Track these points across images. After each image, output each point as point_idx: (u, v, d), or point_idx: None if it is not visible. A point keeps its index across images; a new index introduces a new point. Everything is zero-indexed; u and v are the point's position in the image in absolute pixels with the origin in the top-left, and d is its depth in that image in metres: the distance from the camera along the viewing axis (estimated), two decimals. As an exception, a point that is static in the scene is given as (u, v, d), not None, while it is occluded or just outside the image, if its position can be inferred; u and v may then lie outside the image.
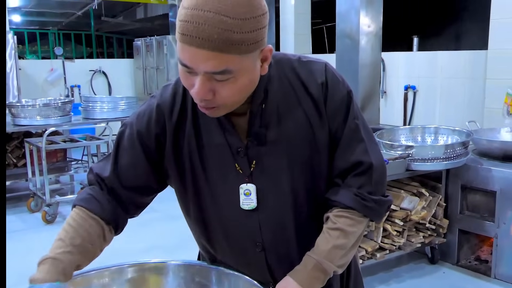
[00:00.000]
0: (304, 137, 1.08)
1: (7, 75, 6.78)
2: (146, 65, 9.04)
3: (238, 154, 1.08)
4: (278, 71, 1.08)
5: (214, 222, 1.16)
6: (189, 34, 0.87)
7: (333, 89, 1.08)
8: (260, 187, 1.09)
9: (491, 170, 3.08)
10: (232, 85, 0.94)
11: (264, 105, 1.07)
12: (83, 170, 5.71)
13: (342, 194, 1.10)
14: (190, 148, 1.10)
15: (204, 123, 1.09)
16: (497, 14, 4.64)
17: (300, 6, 6.97)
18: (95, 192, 1.13)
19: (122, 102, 5.47)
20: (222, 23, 0.86)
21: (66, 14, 11.77)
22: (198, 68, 0.91)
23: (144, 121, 1.11)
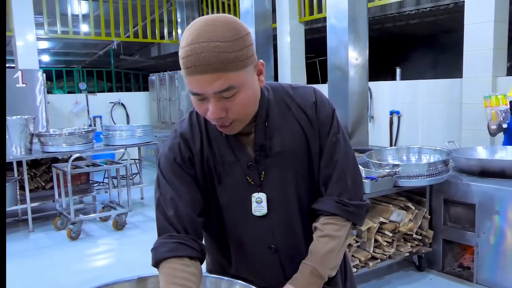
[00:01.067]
0: (303, 149, 1.12)
1: (37, 108, 6.82)
2: (160, 97, 9.10)
3: (248, 168, 1.11)
4: (275, 96, 1.13)
5: (232, 231, 1.17)
6: (192, 65, 0.93)
7: (321, 106, 1.13)
8: (270, 195, 1.12)
9: (470, 185, 3.06)
10: (239, 99, 0.98)
11: (267, 123, 1.11)
12: (104, 191, 5.69)
13: (325, 203, 1.13)
14: (209, 166, 1.13)
15: (217, 145, 1.12)
16: (470, 47, 4.68)
17: (295, 43, 7.05)
18: (178, 239, 1.06)
19: (139, 130, 5.48)
20: (216, 48, 0.92)
21: (89, 54, 11.91)
22: (207, 92, 0.96)
23: (176, 150, 1.12)
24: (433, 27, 7.36)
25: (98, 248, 4.36)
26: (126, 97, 9.23)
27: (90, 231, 4.81)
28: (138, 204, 5.82)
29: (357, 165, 1.18)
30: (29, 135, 4.68)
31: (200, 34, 0.93)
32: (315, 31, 7.31)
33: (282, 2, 7.04)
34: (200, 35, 0.93)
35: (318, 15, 6.72)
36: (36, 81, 6.83)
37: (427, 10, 5.81)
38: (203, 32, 0.94)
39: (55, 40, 9.82)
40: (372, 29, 5.08)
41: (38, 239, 4.59)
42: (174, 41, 9.65)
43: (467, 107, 4.72)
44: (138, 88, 14.00)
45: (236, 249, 1.19)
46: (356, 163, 1.18)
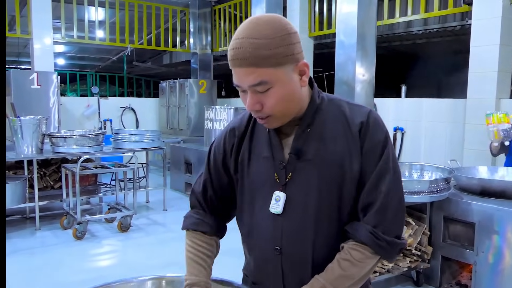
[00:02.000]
0: (338, 163, 1.09)
1: (50, 109, 6.88)
2: (169, 104, 9.15)
3: (279, 166, 1.13)
4: (328, 106, 1.14)
5: (248, 221, 1.20)
6: (232, 58, 1.01)
7: (372, 130, 1.10)
8: (290, 197, 1.12)
9: (471, 203, 3.04)
10: (273, 95, 1.02)
11: (310, 129, 1.12)
12: (110, 193, 5.71)
13: (358, 229, 1.08)
14: (243, 158, 1.19)
15: (258, 140, 1.17)
16: (475, 68, 4.69)
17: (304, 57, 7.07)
18: (201, 216, 1.26)
19: (147, 135, 5.51)
20: (252, 44, 0.98)
21: (103, 59, 12.02)
22: (243, 84, 1.02)
23: (221, 142, 1.24)
24: (440, 48, 7.37)
25: (102, 248, 4.36)
26: (136, 102, 9.29)
27: (95, 231, 4.81)
28: (143, 207, 5.83)
29: (403, 202, 1.12)
30: (41, 135, 4.72)
31: (243, 31, 1.00)
32: (324, 46, 7.34)
33: (293, 17, 7.08)
34: (243, 31, 1.00)
35: (328, 31, 6.76)
36: (51, 83, 6.90)
37: (434, 31, 5.82)
38: (245, 29, 1.00)
39: (71, 44, 9.92)
40: (379, 47, 5.10)
41: (44, 237, 4.60)
42: (186, 50, 9.73)
43: (470, 127, 4.71)
44: (148, 94, 14.10)
45: (248, 241, 1.22)
46: (403, 199, 1.12)
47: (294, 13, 7.05)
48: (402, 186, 1.13)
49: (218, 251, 1.27)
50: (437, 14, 5.43)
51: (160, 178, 6.10)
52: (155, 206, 5.89)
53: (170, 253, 4.11)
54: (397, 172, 1.11)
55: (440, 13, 5.40)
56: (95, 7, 8.35)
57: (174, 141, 8.01)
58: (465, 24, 5.24)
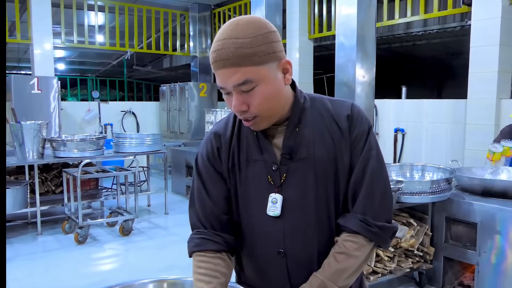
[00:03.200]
0: (331, 159, 1.10)
1: (51, 114, 6.89)
2: (170, 107, 9.17)
3: (271, 168, 1.12)
4: (312, 105, 1.15)
5: (246, 229, 1.17)
6: (214, 60, 1.00)
7: (357, 121, 1.12)
8: (286, 198, 1.11)
9: (472, 204, 3.04)
10: (258, 94, 1.02)
11: (298, 129, 1.11)
12: (112, 197, 5.72)
13: (349, 219, 1.10)
14: (233, 163, 1.16)
15: (247, 143, 1.15)
16: (475, 69, 4.69)
17: (303, 59, 7.09)
18: (203, 235, 1.15)
19: (148, 138, 5.51)
20: (234, 44, 0.98)
21: (103, 64, 12.05)
22: (228, 85, 1.02)
23: (209, 147, 1.20)
24: (440, 49, 7.38)
25: (104, 252, 4.36)
26: (137, 106, 9.30)
27: (97, 235, 4.81)
28: (144, 211, 5.83)
29: (389, 186, 1.14)
30: (42, 140, 4.72)
31: (224, 32, 1.01)
32: (324, 48, 7.35)
33: (293, 19, 7.10)
34: (224, 33, 1.00)
35: (327, 33, 6.77)
36: (51, 88, 6.92)
37: (434, 32, 5.83)
38: (226, 31, 1.00)
39: (71, 49, 9.95)
40: (379, 48, 5.11)
41: (46, 242, 4.61)
42: (186, 53, 9.75)
43: (471, 128, 4.71)
44: (149, 98, 14.12)
45: (247, 249, 1.19)
46: (387, 184, 1.14)
47: (294, 15, 7.06)
48: (386, 172, 1.16)
49: (232, 265, 1.18)
50: (437, 15, 5.44)
51: (161, 181, 6.11)
52: (156, 210, 5.90)
53: (171, 257, 4.12)
54: (380, 159, 1.14)
55: (439, 14, 5.40)
56: (94, 11, 8.38)
57: (175, 144, 8.01)
58: (464, 24, 5.25)
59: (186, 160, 6.65)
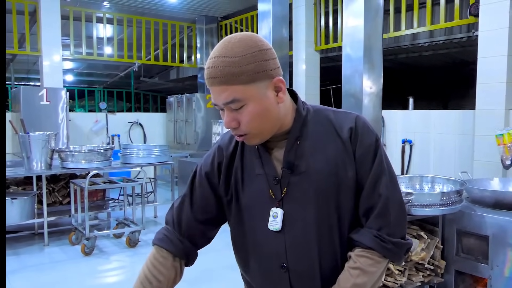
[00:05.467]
0: (331, 172, 1.08)
1: (59, 125, 6.92)
2: (176, 118, 9.18)
3: (273, 182, 1.11)
4: (315, 117, 1.13)
5: (249, 244, 1.16)
6: (207, 77, 1.02)
7: (362, 135, 1.10)
8: (287, 212, 1.09)
9: (484, 216, 2.98)
10: (247, 113, 1.02)
11: (299, 141, 1.10)
12: (119, 208, 5.70)
13: (363, 235, 1.08)
14: (236, 178, 1.15)
15: (249, 158, 1.15)
16: (483, 79, 4.65)
17: (310, 70, 7.09)
18: (169, 233, 1.20)
19: (155, 149, 5.51)
20: (223, 62, 0.98)
21: (110, 75, 12.13)
22: (218, 103, 1.03)
23: (209, 161, 1.21)
24: (446, 59, 7.35)
25: (111, 264, 4.32)
26: (144, 117, 9.33)
27: (103, 247, 4.78)
28: (151, 222, 5.79)
29: (403, 202, 1.12)
30: (50, 151, 4.73)
31: (217, 50, 1.02)
32: (330, 59, 7.35)
33: (299, 31, 7.12)
34: (216, 50, 1.02)
35: (333, 44, 6.77)
36: (60, 99, 6.95)
37: (440, 42, 5.81)
38: (218, 48, 1.02)
39: (80, 61, 10.03)
40: (386, 60, 5.09)
41: (53, 253, 4.58)
42: (193, 65, 9.79)
43: (480, 139, 4.65)
44: (156, 109, 14.16)
45: (252, 264, 1.17)
46: (402, 199, 1.13)
47: (300, 27, 7.08)
48: (398, 186, 1.14)
49: (181, 276, 1.21)
50: (443, 26, 5.42)
51: (168, 192, 6.08)
52: (163, 221, 5.77)
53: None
54: (392, 173, 1.13)
55: (446, 25, 5.39)
56: (103, 24, 8.45)
57: (181, 155, 8.00)
58: (471, 35, 5.22)
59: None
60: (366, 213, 1.09)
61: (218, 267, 3.77)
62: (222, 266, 3.76)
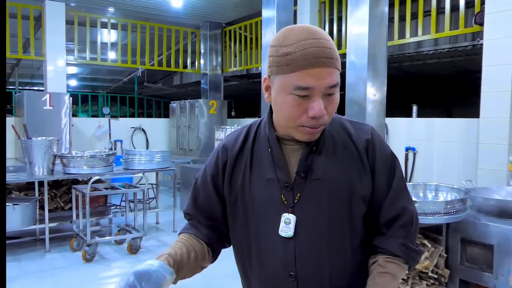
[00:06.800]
0: (346, 180, 1.08)
1: (62, 130, 6.95)
2: (179, 124, 9.20)
3: (285, 187, 1.08)
4: (331, 125, 1.12)
5: (255, 251, 1.13)
6: (314, 57, 0.96)
7: (379, 148, 1.12)
8: (299, 219, 1.07)
9: (488, 225, 2.97)
10: (335, 100, 1.03)
11: (316, 148, 1.09)
12: (120, 214, 5.70)
13: (390, 243, 1.11)
14: (243, 181, 1.13)
15: (259, 161, 1.12)
16: (487, 88, 4.65)
17: (313, 77, 7.10)
18: (193, 223, 1.22)
19: (158, 155, 5.52)
20: (331, 45, 0.99)
21: (114, 80, 12.19)
22: (321, 85, 0.98)
23: (213, 160, 1.20)
24: (450, 68, 7.35)
25: (112, 271, 4.32)
26: (147, 122, 9.36)
27: (104, 253, 4.78)
28: (153, 229, 5.79)
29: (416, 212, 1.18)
30: (52, 156, 4.74)
31: (312, 33, 0.98)
32: (334, 66, 7.36)
33: (302, 38, 7.14)
34: (313, 33, 0.98)
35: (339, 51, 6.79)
36: (63, 104, 6.99)
37: (444, 51, 5.81)
38: (314, 32, 0.98)
39: (84, 66, 10.09)
40: (390, 67, 5.09)
41: (54, 259, 4.58)
42: (197, 70, 9.83)
43: (484, 147, 4.64)
44: (159, 115, 14.21)
45: (256, 271, 1.14)
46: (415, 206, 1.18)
47: (304, 34, 7.10)
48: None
49: (209, 259, 1.19)
50: (448, 34, 5.43)
51: (170, 199, 6.08)
52: (165, 228, 5.86)
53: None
54: (405, 182, 1.17)
55: (451, 33, 5.40)
56: (107, 29, 8.51)
57: (184, 161, 8.01)
58: (476, 44, 5.23)
59: (195, 178, 6.62)
60: (389, 222, 1.11)
61: (219, 275, 3.76)
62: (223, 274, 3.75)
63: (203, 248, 1.17)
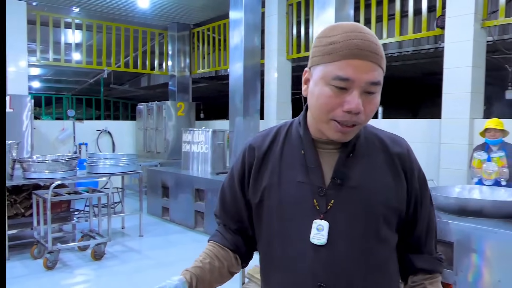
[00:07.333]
0: (381, 191, 1.04)
1: (23, 133, 6.72)
2: (146, 126, 9.08)
3: (318, 192, 1.02)
4: (365, 134, 1.09)
5: (280, 255, 1.06)
6: (357, 48, 0.92)
7: (415, 164, 1.11)
8: (333, 226, 1.01)
9: (449, 223, 3.05)
10: (374, 101, 0.97)
11: (352, 155, 1.04)
12: (84, 219, 5.56)
13: (429, 260, 1.13)
14: (271, 182, 1.07)
15: (290, 162, 1.07)
16: (448, 89, 4.79)
17: (282, 79, 7.14)
18: (220, 229, 1.21)
19: (123, 158, 5.42)
20: (378, 42, 0.95)
21: (79, 82, 11.92)
22: (360, 79, 0.93)
23: (239, 160, 1.15)
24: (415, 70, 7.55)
25: (75, 278, 4.20)
26: (113, 125, 9.18)
27: (67, 260, 4.65)
28: (118, 234, 5.68)
29: None
30: (12, 160, 4.58)
31: (360, 27, 0.95)
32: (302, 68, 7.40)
33: (271, 40, 7.18)
34: (361, 28, 0.95)
35: (305, 53, 6.85)
36: (24, 107, 6.77)
37: (408, 53, 5.96)
38: (362, 27, 0.96)
39: (47, 67, 9.81)
40: (355, 69, 5.19)
41: (13, 267, 4.41)
42: (164, 72, 9.72)
43: (446, 147, 4.78)
44: (126, 117, 13.95)
45: (278, 278, 1.07)
46: None
47: (272, 36, 7.14)
48: None
49: (237, 265, 1.18)
50: (411, 37, 5.58)
51: (137, 202, 5.98)
52: (131, 232, 5.75)
53: (146, 281, 3.98)
54: None
55: (414, 36, 5.54)
56: (72, 29, 8.31)
57: (151, 164, 7.90)
58: (438, 46, 5.39)
59: (162, 181, 6.54)
60: (423, 239, 1.12)
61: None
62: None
63: (228, 255, 1.17)
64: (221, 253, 1.16)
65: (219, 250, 1.16)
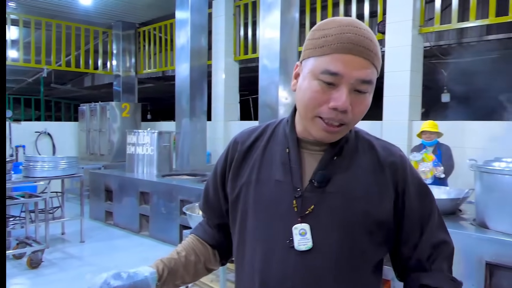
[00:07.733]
0: (363, 200, 0.96)
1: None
2: (89, 128, 8.76)
3: (295, 193, 0.97)
4: (356, 139, 1.02)
5: (247, 258, 1.01)
6: (349, 42, 0.87)
7: (410, 173, 1.01)
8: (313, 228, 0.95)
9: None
10: (365, 102, 0.92)
11: (336, 158, 0.98)
12: (20, 226, 5.26)
13: (440, 278, 1.01)
14: (249, 179, 1.02)
15: (271, 159, 1.02)
16: (389, 92, 4.99)
17: (229, 80, 7.14)
18: (203, 223, 1.21)
19: (63, 161, 5.16)
20: (375, 39, 0.90)
21: (17, 81, 11.28)
22: (350, 75, 0.88)
23: (224, 154, 1.12)
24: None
25: (8, 288, 3.96)
26: (53, 126, 8.76)
27: (0, 269, 4.36)
28: (58, 240, 5.41)
29: None
30: None
31: (356, 22, 0.90)
32: (250, 70, 7.46)
33: (218, 41, 7.15)
34: (357, 23, 0.90)
35: (252, 55, 6.89)
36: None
37: (352, 56, 6.15)
38: (358, 22, 0.91)
39: (-21, 64, 9.20)
40: (301, 71, 5.27)
41: None
42: (109, 72, 9.42)
43: (387, 148, 4.98)
44: (69, 118, 13.39)
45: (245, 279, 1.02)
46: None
47: (219, 37, 7.12)
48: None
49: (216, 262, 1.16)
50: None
51: (78, 207, 5.73)
52: (71, 238, 5.50)
53: (86, 289, 3.83)
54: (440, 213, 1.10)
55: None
56: (7, 25, 7.85)
57: (94, 167, 7.62)
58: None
59: (106, 184, 6.32)
60: (432, 256, 1.01)
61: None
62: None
63: (207, 250, 1.14)
64: (199, 247, 1.13)
65: (197, 244, 1.14)
